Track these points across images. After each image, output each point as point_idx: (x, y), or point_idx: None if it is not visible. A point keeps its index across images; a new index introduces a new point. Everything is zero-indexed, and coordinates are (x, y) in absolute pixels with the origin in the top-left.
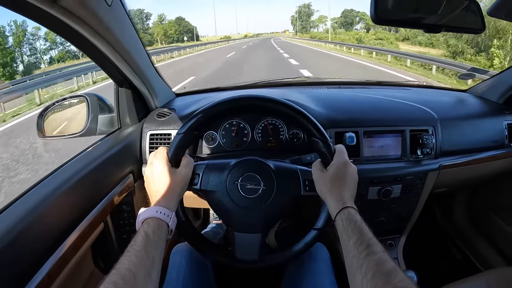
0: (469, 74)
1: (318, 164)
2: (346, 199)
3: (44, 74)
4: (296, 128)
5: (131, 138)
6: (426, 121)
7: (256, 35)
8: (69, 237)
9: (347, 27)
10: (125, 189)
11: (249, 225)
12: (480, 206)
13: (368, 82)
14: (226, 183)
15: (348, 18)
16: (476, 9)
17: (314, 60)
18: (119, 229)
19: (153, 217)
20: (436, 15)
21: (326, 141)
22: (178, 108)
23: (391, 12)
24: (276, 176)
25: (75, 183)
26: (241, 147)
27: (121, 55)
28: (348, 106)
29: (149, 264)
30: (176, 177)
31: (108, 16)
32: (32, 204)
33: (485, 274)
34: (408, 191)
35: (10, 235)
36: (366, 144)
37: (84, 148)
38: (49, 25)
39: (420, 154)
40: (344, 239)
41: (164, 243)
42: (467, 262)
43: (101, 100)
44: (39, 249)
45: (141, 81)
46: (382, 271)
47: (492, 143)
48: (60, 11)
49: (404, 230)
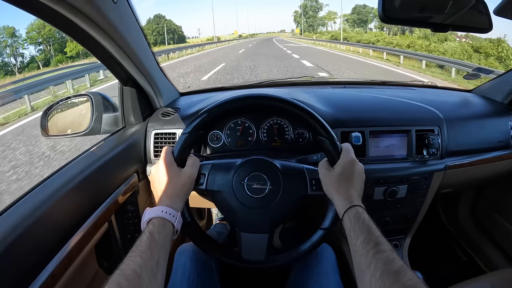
0: (475, 74)
1: (325, 163)
2: (353, 198)
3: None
4: (301, 127)
5: (135, 137)
6: (432, 121)
7: (251, 35)
8: (73, 237)
9: (361, 25)
10: (129, 189)
11: (255, 225)
12: (485, 207)
13: (373, 82)
14: (232, 183)
15: (362, 15)
16: (483, 8)
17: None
18: (124, 228)
19: (158, 217)
20: (443, 14)
21: (332, 140)
22: (182, 107)
23: (399, 11)
24: (282, 175)
25: (79, 183)
26: (246, 147)
27: (126, 53)
28: (354, 105)
29: (154, 264)
30: (181, 177)
31: (113, 13)
32: (36, 203)
33: (489, 275)
34: (413, 192)
35: (14, 234)
36: (372, 144)
37: (88, 147)
38: (54, 22)
39: (426, 154)
40: (352, 238)
41: (169, 243)
42: (471, 263)
43: (105, 99)
44: (43, 249)
45: (146, 80)
46: (390, 270)
47: (498, 144)
48: (65, 7)
49: (410, 230)
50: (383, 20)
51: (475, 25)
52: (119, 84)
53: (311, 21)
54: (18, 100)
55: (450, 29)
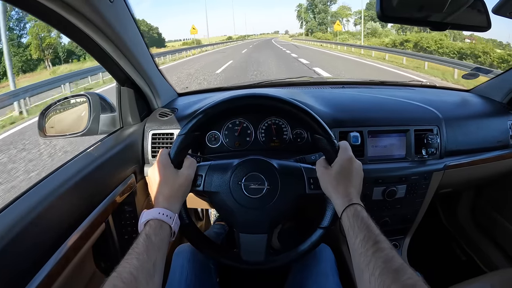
0: (473, 74)
1: (323, 161)
2: (352, 196)
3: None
4: (299, 127)
5: (133, 138)
6: (430, 121)
7: (242, 37)
8: (70, 237)
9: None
10: (126, 189)
11: (254, 225)
12: (484, 207)
13: (371, 82)
14: (229, 184)
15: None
16: (482, 7)
17: None
18: (121, 229)
19: (155, 218)
20: (441, 13)
21: (329, 138)
22: (180, 107)
23: (397, 9)
24: (280, 175)
25: (76, 183)
26: (244, 147)
27: (123, 53)
28: (352, 105)
29: (151, 266)
30: (178, 178)
31: (110, 13)
32: (32, 203)
33: (489, 275)
34: (413, 192)
35: (11, 234)
36: (370, 144)
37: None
38: (50, 21)
39: (425, 154)
40: (351, 237)
41: (166, 245)
42: (471, 263)
43: (103, 99)
44: (40, 249)
45: (143, 80)
46: (390, 268)
47: (497, 143)
48: (62, 6)
49: (409, 230)
50: (381, 18)
51: (473, 23)
52: (116, 84)
53: (322, 17)
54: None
55: (449, 27)
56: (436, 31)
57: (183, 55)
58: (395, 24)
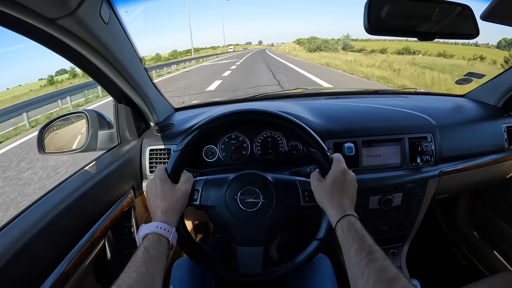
0: (466, 79)
1: (316, 174)
2: (345, 207)
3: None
4: (295, 140)
5: (131, 154)
6: (424, 128)
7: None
8: (70, 253)
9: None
10: (125, 205)
11: (250, 238)
12: (483, 211)
13: (365, 91)
14: (225, 198)
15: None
16: (470, 14)
17: None
18: (121, 244)
19: (153, 232)
20: (429, 22)
21: (323, 151)
22: (177, 122)
23: (385, 21)
24: (274, 188)
25: (75, 200)
26: (240, 161)
27: (119, 72)
28: (345, 116)
29: (150, 279)
30: (176, 193)
31: (105, 34)
32: (32, 221)
33: (490, 279)
34: (409, 199)
35: (12, 250)
36: (365, 154)
37: (84, 165)
38: (47, 44)
39: (419, 161)
40: (345, 247)
41: (165, 258)
42: (472, 267)
43: (100, 116)
44: (40, 266)
45: (140, 97)
46: (383, 278)
47: (492, 147)
48: (58, 29)
49: (407, 238)
50: (369, 31)
51: (462, 31)
52: (113, 102)
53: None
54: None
55: (437, 36)
56: (424, 40)
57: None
58: (382, 36)
